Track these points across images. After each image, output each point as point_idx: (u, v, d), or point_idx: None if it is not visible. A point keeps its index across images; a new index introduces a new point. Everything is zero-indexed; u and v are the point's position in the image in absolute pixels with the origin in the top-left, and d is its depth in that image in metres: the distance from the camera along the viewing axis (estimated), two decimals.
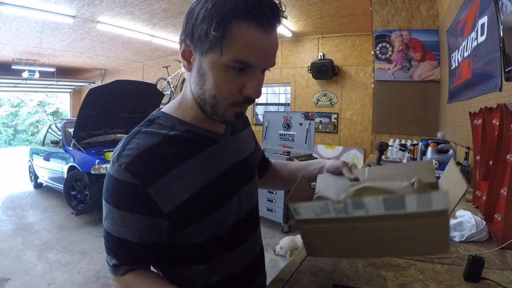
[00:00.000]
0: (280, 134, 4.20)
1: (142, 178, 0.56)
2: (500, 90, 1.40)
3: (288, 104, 6.25)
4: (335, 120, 5.61)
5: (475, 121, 1.44)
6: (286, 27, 5.19)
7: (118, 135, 5.12)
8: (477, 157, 1.33)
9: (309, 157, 3.75)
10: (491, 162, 1.11)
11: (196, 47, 0.56)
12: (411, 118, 3.42)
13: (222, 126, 0.71)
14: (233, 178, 0.70)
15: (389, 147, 2.87)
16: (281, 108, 6.44)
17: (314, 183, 0.82)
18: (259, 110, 6.65)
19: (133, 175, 0.56)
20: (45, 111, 15.34)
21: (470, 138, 1.54)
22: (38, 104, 15.23)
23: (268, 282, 0.86)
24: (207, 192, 0.63)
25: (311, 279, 0.85)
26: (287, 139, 4.14)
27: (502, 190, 1.00)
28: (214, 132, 0.68)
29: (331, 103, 5.64)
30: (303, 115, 4.00)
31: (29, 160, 5.94)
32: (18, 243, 3.49)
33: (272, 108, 6.54)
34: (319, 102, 5.76)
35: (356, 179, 0.76)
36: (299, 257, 0.97)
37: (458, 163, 1.71)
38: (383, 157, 2.52)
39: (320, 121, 5.68)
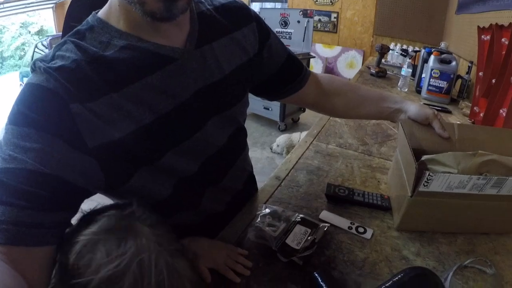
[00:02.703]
0: (276, 31, 4.00)
1: (66, 90, 0.40)
2: None
3: (286, 1, 5.77)
4: (335, 20, 5.29)
5: (483, 36, 1.39)
6: None
7: None
8: (480, 73, 1.33)
9: (307, 55, 3.67)
10: (494, 81, 1.11)
11: None
12: (415, 23, 3.25)
13: (180, 34, 0.50)
14: (196, 110, 0.53)
15: (390, 51, 2.79)
16: (278, 5, 5.97)
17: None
18: (255, 7, 6.15)
19: (58, 84, 0.40)
20: (29, 32, 14.04)
21: (475, 53, 1.51)
22: (20, 27, 13.86)
23: (265, 179, 0.87)
24: (147, 133, 0.47)
25: (307, 177, 0.86)
26: (284, 37, 3.96)
27: (501, 111, 1.03)
28: (167, 47, 0.48)
29: (331, 1, 5.22)
30: (301, 12, 3.79)
31: (20, 84, 5.76)
32: None
33: (268, 5, 6.07)
34: (318, 0, 5.31)
35: (448, 138, 0.68)
36: (295, 155, 0.98)
37: (459, 76, 1.69)
38: (383, 60, 2.46)
39: (319, 19, 5.37)
